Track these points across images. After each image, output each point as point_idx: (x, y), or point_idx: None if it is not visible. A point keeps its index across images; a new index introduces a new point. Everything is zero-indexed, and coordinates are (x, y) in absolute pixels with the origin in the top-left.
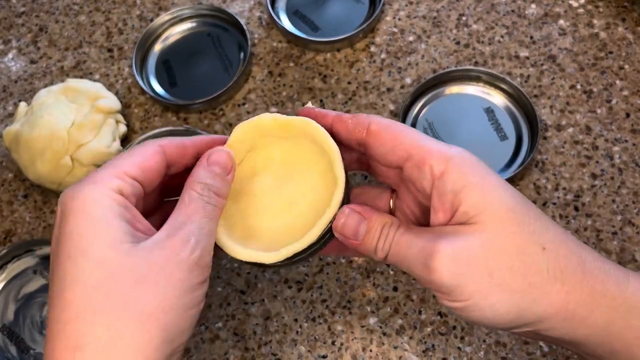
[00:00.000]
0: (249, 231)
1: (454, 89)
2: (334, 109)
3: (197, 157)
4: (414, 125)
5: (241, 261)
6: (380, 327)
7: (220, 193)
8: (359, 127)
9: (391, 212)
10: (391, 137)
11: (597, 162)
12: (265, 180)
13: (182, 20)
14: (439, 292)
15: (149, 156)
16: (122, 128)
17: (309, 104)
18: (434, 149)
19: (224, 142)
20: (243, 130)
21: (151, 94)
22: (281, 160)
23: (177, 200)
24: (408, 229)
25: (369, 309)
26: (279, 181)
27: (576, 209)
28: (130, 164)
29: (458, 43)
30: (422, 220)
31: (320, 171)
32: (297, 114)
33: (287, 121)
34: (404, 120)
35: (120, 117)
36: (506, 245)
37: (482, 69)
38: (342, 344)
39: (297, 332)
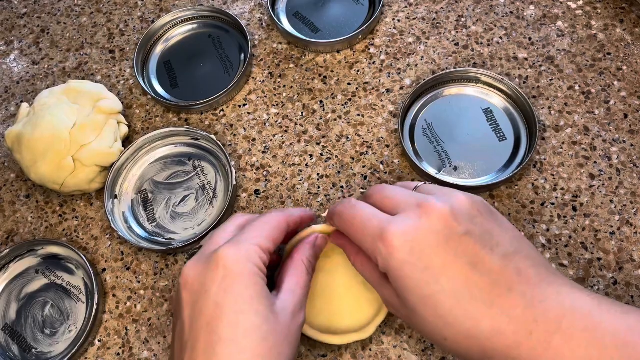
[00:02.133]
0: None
1: (453, 90)
2: (333, 110)
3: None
4: (413, 126)
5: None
6: (380, 327)
7: (314, 269)
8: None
9: None
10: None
11: (595, 162)
12: (329, 274)
13: (183, 21)
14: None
15: (281, 232)
16: (124, 129)
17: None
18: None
19: (312, 217)
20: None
21: (152, 94)
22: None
23: None
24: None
25: None
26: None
27: (574, 209)
28: (268, 238)
29: (457, 44)
30: None
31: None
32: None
33: None
34: (403, 121)
35: (121, 117)
36: None
37: (481, 70)
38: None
39: None
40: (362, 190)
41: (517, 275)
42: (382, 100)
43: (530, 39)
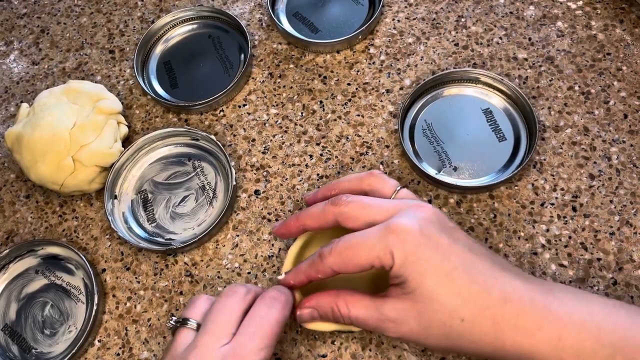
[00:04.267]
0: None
1: (452, 90)
2: (333, 110)
3: None
4: (413, 126)
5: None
6: None
7: None
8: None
9: None
10: (355, 268)
11: (595, 162)
12: None
13: (183, 22)
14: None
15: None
16: (124, 129)
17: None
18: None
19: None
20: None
21: (152, 95)
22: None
23: None
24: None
25: None
26: None
27: (574, 209)
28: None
29: (457, 45)
30: None
31: None
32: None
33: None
34: (403, 121)
35: (121, 118)
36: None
37: (480, 70)
38: (341, 344)
39: (297, 331)
40: None
41: (505, 263)
42: (381, 101)
43: (530, 39)
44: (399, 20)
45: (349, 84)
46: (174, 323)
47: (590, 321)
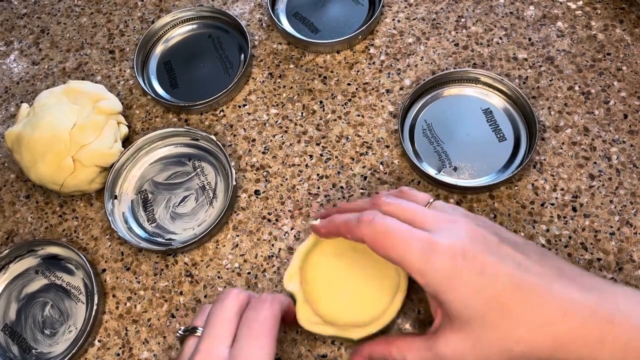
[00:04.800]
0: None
1: (452, 91)
2: (333, 110)
3: None
4: (413, 126)
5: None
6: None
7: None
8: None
9: None
10: (383, 252)
11: (595, 163)
12: (339, 265)
13: (183, 22)
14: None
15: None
16: (124, 129)
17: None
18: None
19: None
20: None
21: (152, 95)
22: (354, 248)
23: None
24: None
25: None
26: (348, 267)
27: (574, 209)
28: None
29: (457, 45)
30: None
31: (380, 261)
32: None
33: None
34: (403, 121)
35: (121, 118)
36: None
37: (480, 70)
38: (341, 344)
39: (297, 331)
40: (362, 191)
41: (558, 270)
42: (381, 101)
43: (530, 39)
44: (399, 21)
45: (349, 84)
46: (182, 332)
47: None
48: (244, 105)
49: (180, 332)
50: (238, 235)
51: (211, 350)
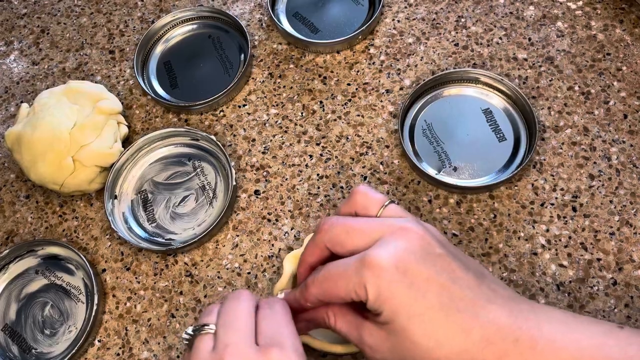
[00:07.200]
0: None
1: (452, 91)
2: (333, 111)
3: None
4: (412, 126)
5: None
6: None
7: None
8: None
9: None
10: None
11: (594, 163)
12: None
13: (183, 22)
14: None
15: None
16: (124, 129)
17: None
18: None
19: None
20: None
21: (152, 95)
22: None
23: None
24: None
25: None
26: None
27: (574, 209)
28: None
29: (457, 45)
30: None
31: None
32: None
33: None
34: (403, 121)
35: (121, 118)
36: None
37: (480, 70)
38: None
39: None
40: None
41: (492, 292)
42: (381, 101)
43: (529, 39)
44: (399, 21)
45: (349, 84)
46: (191, 332)
47: (579, 358)
48: (244, 105)
49: (188, 332)
50: (238, 235)
51: (239, 342)
